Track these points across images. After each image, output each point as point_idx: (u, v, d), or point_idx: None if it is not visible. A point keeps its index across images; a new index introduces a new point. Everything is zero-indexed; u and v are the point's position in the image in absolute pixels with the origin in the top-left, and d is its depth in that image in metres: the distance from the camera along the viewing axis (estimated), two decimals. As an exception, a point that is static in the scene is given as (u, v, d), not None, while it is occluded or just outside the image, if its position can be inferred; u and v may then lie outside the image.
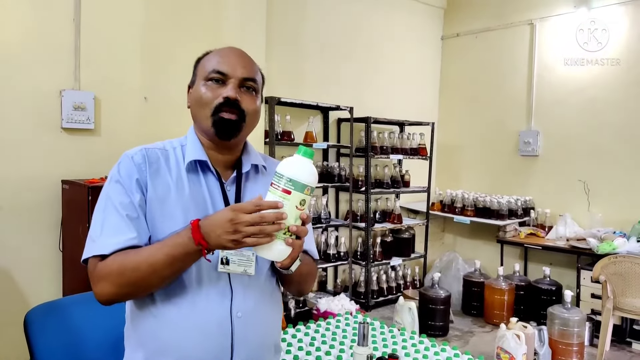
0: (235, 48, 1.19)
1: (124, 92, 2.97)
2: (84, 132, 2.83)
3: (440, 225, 5.16)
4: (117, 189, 1.07)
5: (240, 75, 1.12)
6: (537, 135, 4.48)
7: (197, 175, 1.14)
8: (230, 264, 1.08)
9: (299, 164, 0.98)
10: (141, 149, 1.13)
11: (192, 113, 1.17)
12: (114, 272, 1.00)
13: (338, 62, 4.26)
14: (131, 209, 1.05)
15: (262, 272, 1.15)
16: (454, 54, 5.18)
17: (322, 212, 3.87)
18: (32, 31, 2.66)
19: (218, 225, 0.93)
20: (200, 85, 1.13)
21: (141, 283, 1.00)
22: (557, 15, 4.38)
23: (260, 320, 1.14)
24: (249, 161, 1.20)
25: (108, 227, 1.04)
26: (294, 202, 0.96)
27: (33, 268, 2.73)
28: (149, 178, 1.09)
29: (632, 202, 3.91)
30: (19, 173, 2.66)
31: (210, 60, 1.15)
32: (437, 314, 3.62)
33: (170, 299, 1.06)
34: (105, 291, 1.01)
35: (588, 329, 3.47)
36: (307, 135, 3.80)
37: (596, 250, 3.53)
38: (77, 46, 2.79)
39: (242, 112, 1.11)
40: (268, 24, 3.57)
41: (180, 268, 1.01)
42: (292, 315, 3.58)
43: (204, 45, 3.15)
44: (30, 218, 2.71)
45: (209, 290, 1.07)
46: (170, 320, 1.06)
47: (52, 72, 2.73)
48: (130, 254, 1.00)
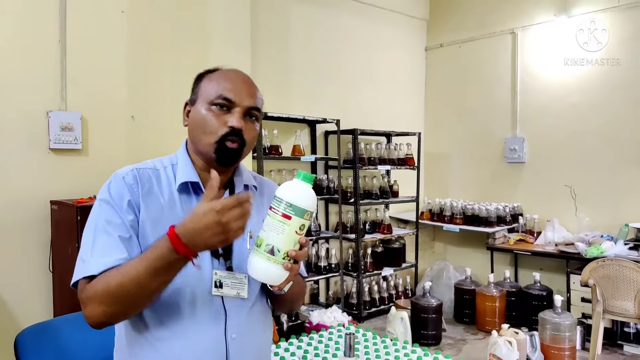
0: (241, 73, 1.18)
1: (110, 111, 2.98)
2: (71, 152, 2.84)
3: (430, 234, 5.19)
4: (108, 210, 1.06)
5: (246, 105, 1.11)
6: (522, 142, 4.54)
7: (189, 196, 1.13)
8: (224, 287, 1.08)
9: (299, 188, 0.98)
10: (132, 169, 1.11)
11: (191, 134, 1.15)
12: (99, 290, 0.98)
13: (324, 75, 4.31)
14: (122, 229, 1.04)
15: (254, 294, 1.16)
16: (438, 64, 5.26)
17: (312, 225, 3.88)
18: (18, 53, 2.67)
19: (204, 229, 0.91)
20: (204, 108, 1.11)
21: (128, 299, 0.97)
22: (539, 24, 4.47)
23: (253, 340, 1.14)
24: (241, 182, 1.20)
25: (98, 248, 1.02)
26: (294, 227, 0.96)
27: (23, 289, 2.71)
28: (142, 199, 1.08)
29: (618, 206, 3.97)
30: (7, 194, 2.65)
31: (216, 83, 1.13)
32: (430, 323, 3.63)
33: (164, 323, 1.06)
34: (94, 312, 0.99)
35: (579, 333, 3.50)
36: (295, 148, 3.82)
37: (584, 255, 3.58)
38: (63, 67, 2.80)
39: (243, 141, 1.11)
40: (253, 39, 3.61)
41: (166, 279, 0.98)
42: (284, 328, 3.57)
43: (189, 62, 3.17)
44: (19, 239, 2.70)
45: (203, 314, 1.07)
46: (165, 344, 1.05)
47: (39, 93, 2.74)
48: (113, 271, 0.98)
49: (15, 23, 2.66)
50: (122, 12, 3.00)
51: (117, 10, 2.99)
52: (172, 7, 3.21)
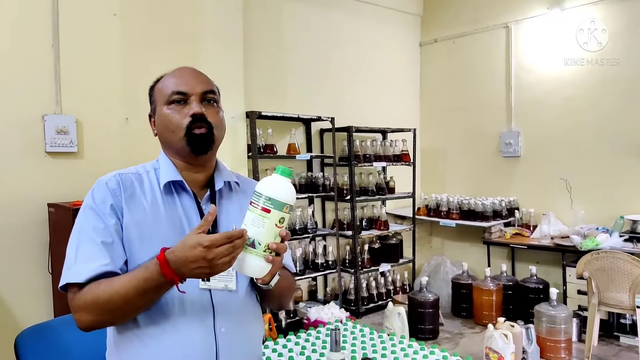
0: (187, 67, 1.23)
1: (105, 114, 3.01)
2: (67, 155, 2.86)
3: (427, 230, 5.22)
4: (91, 216, 1.09)
5: (199, 91, 1.16)
6: (517, 136, 4.56)
7: (172, 196, 1.17)
8: (212, 280, 1.10)
9: (278, 183, 1.01)
10: (115, 175, 1.15)
11: (161, 139, 1.20)
12: (89, 302, 1.02)
13: (318, 73, 4.33)
14: (105, 234, 1.07)
15: (243, 288, 1.18)
16: (432, 60, 5.27)
17: (309, 222, 3.91)
18: (12, 58, 2.69)
19: (191, 261, 0.95)
20: (164, 109, 1.16)
21: (116, 313, 1.02)
22: (532, 17, 4.48)
23: (242, 335, 1.16)
24: (221, 178, 1.23)
25: (82, 254, 1.05)
26: (273, 220, 0.99)
27: (23, 291, 2.74)
28: (125, 203, 1.11)
29: (613, 198, 3.99)
30: (5, 197, 2.68)
31: (167, 84, 1.18)
32: (427, 318, 3.66)
33: (154, 319, 1.08)
34: (83, 319, 1.03)
35: (576, 325, 3.52)
36: (290, 147, 3.84)
37: (580, 247, 3.60)
38: (57, 71, 2.83)
39: (210, 125, 1.15)
40: (246, 38, 3.63)
41: (153, 298, 1.03)
42: (283, 325, 3.60)
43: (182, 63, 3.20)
44: (18, 241, 2.73)
45: (192, 308, 1.10)
46: (154, 340, 1.08)
47: (34, 97, 2.76)
48: (103, 285, 1.02)
49: (8, 29, 2.68)
50: (114, 15, 3.01)
51: (109, 13, 3.01)
52: (163, 8, 3.22)
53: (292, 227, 3.78)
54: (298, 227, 3.80)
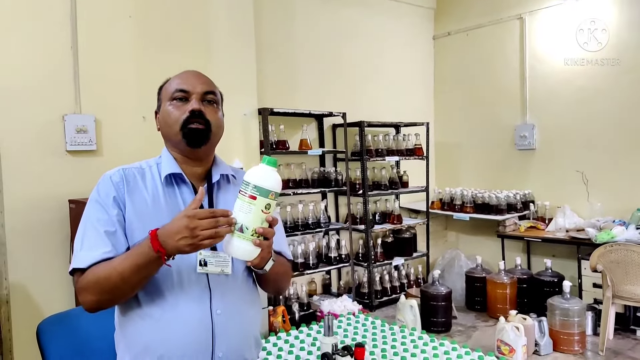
0: (192, 70, 1.33)
1: (122, 113, 3.10)
2: (87, 154, 2.97)
3: (442, 224, 5.22)
4: (96, 208, 1.19)
5: (200, 90, 1.25)
6: (532, 128, 4.52)
7: (172, 188, 1.26)
8: (209, 265, 1.18)
9: (263, 172, 1.09)
10: (119, 169, 1.25)
11: (163, 133, 1.30)
12: (91, 282, 1.11)
13: (330, 68, 4.36)
14: (109, 224, 1.17)
15: (239, 273, 1.26)
16: (446, 53, 5.25)
17: (322, 217, 3.96)
18: (33, 61, 2.80)
19: (175, 232, 1.03)
20: (167, 105, 1.26)
21: (115, 290, 1.11)
22: (546, 8, 4.44)
23: (238, 317, 1.24)
24: (218, 171, 1.31)
25: (87, 243, 1.15)
26: (260, 206, 1.07)
27: (47, 283, 2.86)
28: (127, 195, 1.20)
29: (631, 190, 3.93)
30: (29, 195, 2.79)
31: (172, 83, 1.29)
32: (439, 311, 3.68)
33: (154, 300, 1.17)
34: (87, 300, 1.13)
35: (590, 318, 3.50)
36: (302, 142, 3.90)
37: (595, 240, 3.56)
38: (76, 72, 2.92)
39: (207, 122, 1.24)
40: (257, 36, 3.69)
41: (147, 275, 1.11)
42: (296, 318, 3.67)
43: (195, 61, 3.28)
44: (41, 236, 2.84)
45: (190, 291, 1.18)
46: (154, 319, 1.16)
47: (54, 98, 2.86)
48: (102, 265, 1.12)
49: (30, 33, 2.78)
50: (129, 17, 3.10)
51: (125, 15, 3.09)
52: (176, 9, 3.30)
53: (305, 221, 3.84)
54: (311, 222, 3.86)
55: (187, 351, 1.16)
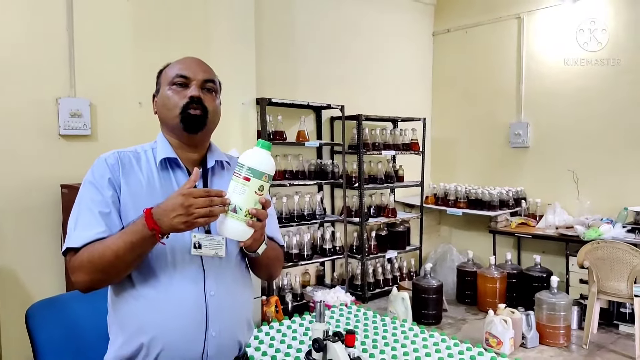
0: (194, 57, 1.34)
1: (118, 98, 3.09)
2: (81, 138, 2.95)
3: (436, 218, 5.27)
4: (90, 189, 1.20)
5: (201, 78, 1.26)
6: (527, 126, 4.57)
7: (167, 172, 1.27)
8: (203, 247, 1.20)
9: (258, 155, 1.12)
10: (114, 152, 1.26)
11: (160, 117, 1.31)
12: (85, 261, 1.12)
13: (329, 61, 4.37)
14: (103, 205, 1.18)
15: (232, 256, 1.28)
16: (445, 50, 5.28)
17: (317, 209, 3.99)
18: (27, 42, 2.76)
19: (171, 210, 1.05)
20: (166, 90, 1.27)
21: (109, 269, 1.12)
22: (544, 8, 4.47)
23: (231, 299, 1.26)
24: (213, 158, 1.33)
25: (81, 224, 1.16)
26: (253, 188, 1.10)
27: (37, 269, 2.84)
28: (122, 177, 1.21)
29: (619, 190, 4.00)
30: (20, 179, 2.77)
31: (173, 68, 1.29)
32: (430, 303, 3.73)
33: (148, 281, 1.18)
34: (80, 279, 1.14)
35: (576, 312, 3.57)
36: (300, 134, 3.91)
37: (583, 237, 3.63)
38: (72, 55, 2.90)
39: (205, 109, 1.25)
40: (257, 26, 3.69)
41: (141, 253, 1.12)
42: (289, 308, 3.70)
43: (193, 50, 3.28)
44: (33, 221, 2.82)
45: (184, 272, 1.20)
46: (148, 300, 1.18)
47: (48, 81, 2.84)
48: (97, 244, 1.13)
49: (24, 13, 2.75)
50: (126, 0, 3.09)
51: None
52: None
53: (300, 213, 3.86)
54: (307, 213, 3.89)
55: (181, 332, 1.17)
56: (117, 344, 1.21)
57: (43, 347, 1.43)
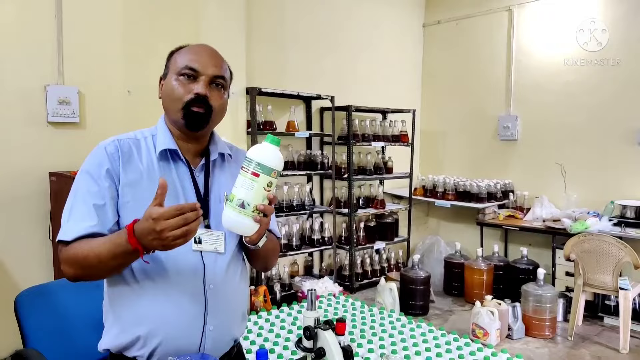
0: (207, 46, 1.28)
1: (107, 86, 3.06)
2: (69, 126, 2.92)
3: (424, 210, 5.30)
4: (86, 179, 1.16)
5: (211, 74, 1.21)
6: (515, 120, 4.60)
7: (167, 163, 1.23)
8: (203, 243, 1.19)
9: (267, 150, 1.09)
10: (114, 140, 1.21)
11: (163, 104, 1.26)
12: (71, 257, 1.11)
13: (320, 51, 4.34)
14: (98, 197, 1.14)
15: (230, 250, 1.26)
16: (435, 42, 5.27)
17: (306, 199, 3.98)
18: (15, 29, 2.73)
19: (146, 233, 0.99)
20: (173, 79, 1.21)
21: (92, 270, 1.10)
22: (535, 1, 4.48)
23: (229, 292, 1.25)
24: (216, 150, 1.30)
25: (74, 216, 1.14)
26: (262, 184, 1.07)
27: (25, 257, 2.83)
28: (122, 167, 1.18)
29: (605, 184, 4.05)
30: (7, 166, 2.74)
31: (183, 56, 1.23)
32: (418, 294, 3.76)
33: (148, 273, 1.17)
34: (67, 272, 1.13)
35: (562, 305, 3.62)
36: (289, 124, 3.89)
37: (570, 230, 3.67)
38: (60, 42, 2.86)
39: (209, 107, 1.21)
40: (248, 16, 3.65)
41: (123, 263, 1.10)
42: (277, 298, 3.71)
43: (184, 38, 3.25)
44: (20, 209, 2.80)
45: (184, 266, 1.18)
46: (147, 292, 1.16)
47: (36, 68, 2.81)
48: (83, 243, 1.10)
49: (12, 0, 2.71)
50: (117, -13, 3.04)
51: (112, -14, 3.03)
52: (167, -17, 3.24)
53: (290, 203, 3.85)
54: (296, 204, 3.88)
55: (179, 325, 1.16)
56: (112, 333, 1.20)
57: (32, 335, 1.43)
